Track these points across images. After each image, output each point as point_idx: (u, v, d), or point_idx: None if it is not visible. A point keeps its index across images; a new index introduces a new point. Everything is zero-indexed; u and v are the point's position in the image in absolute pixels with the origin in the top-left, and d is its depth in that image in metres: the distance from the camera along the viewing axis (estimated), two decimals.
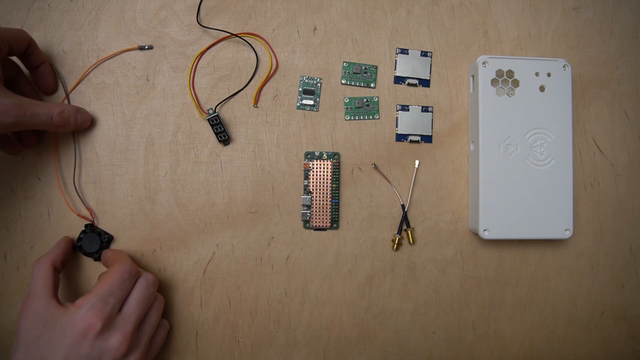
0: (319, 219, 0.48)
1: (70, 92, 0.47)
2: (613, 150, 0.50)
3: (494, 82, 0.46)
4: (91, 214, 0.47)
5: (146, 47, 0.47)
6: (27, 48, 0.43)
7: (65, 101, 0.47)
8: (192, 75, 0.48)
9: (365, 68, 0.49)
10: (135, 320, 0.39)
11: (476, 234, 0.47)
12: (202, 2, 0.48)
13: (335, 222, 0.48)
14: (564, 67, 0.46)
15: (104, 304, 0.38)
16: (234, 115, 0.48)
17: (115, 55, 0.47)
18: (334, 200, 0.48)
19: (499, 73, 0.46)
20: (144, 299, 0.41)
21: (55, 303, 0.38)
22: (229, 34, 0.47)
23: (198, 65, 0.48)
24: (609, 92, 0.51)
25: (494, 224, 0.45)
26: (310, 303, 0.48)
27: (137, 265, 0.42)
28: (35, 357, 0.36)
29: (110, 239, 0.47)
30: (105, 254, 0.44)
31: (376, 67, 0.49)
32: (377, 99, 0.49)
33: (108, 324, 0.38)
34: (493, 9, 0.50)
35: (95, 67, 0.47)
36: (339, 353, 0.49)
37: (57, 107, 0.42)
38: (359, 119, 0.49)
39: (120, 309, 0.39)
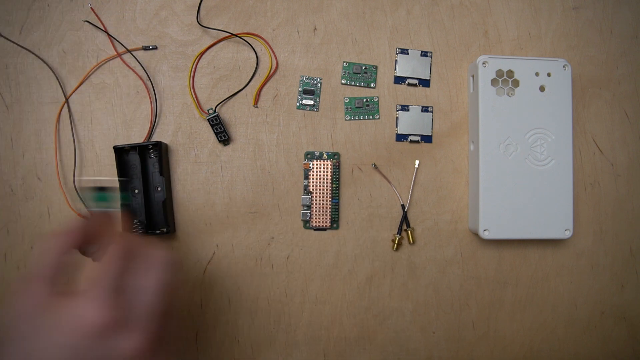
0: (319, 219, 0.48)
1: (71, 94, 0.47)
2: (613, 150, 0.50)
3: (494, 82, 0.46)
4: (91, 214, 0.47)
5: (150, 48, 0.47)
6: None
7: (65, 103, 0.47)
8: (192, 75, 0.48)
9: (365, 68, 0.49)
10: (154, 313, 0.31)
11: (476, 234, 0.47)
12: (202, 2, 0.48)
13: (335, 222, 0.48)
14: (564, 67, 0.46)
15: (110, 290, 0.30)
16: (234, 115, 0.48)
17: (118, 56, 0.47)
18: (334, 200, 0.48)
19: (499, 73, 0.46)
20: (159, 285, 0.32)
21: (53, 293, 0.30)
22: (229, 34, 0.47)
23: (198, 65, 0.48)
24: (609, 92, 0.51)
25: (494, 224, 0.45)
26: (310, 303, 0.48)
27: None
28: (30, 353, 0.28)
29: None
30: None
31: (376, 67, 0.49)
32: (377, 99, 0.49)
33: (115, 318, 0.29)
34: (493, 9, 0.50)
35: (95, 68, 0.47)
36: (339, 353, 0.49)
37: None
38: (359, 119, 0.49)
39: (128, 296, 0.31)
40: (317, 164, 0.48)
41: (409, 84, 0.49)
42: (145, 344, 0.30)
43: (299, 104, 0.48)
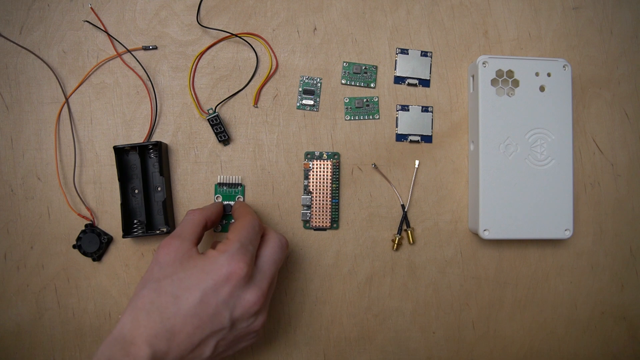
0: (319, 219, 0.48)
1: (72, 94, 0.47)
2: (613, 150, 0.50)
3: (494, 82, 0.46)
4: (91, 214, 0.47)
5: (150, 48, 0.47)
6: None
7: (66, 103, 0.47)
8: (192, 75, 0.48)
9: (365, 68, 0.49)
10: (270, 277, 0.37)
11: (476, 234, 0.47)
12: (202, 2, 0.48)
13: (335, 222, 0.48)
14: (564, 67, 0.46)
15: (246, 250, 0.36)
16: (234, 115, 0.48)
17: (118, 56, 0.47)
18: (334, 200, 0.48)
19: (499, 73, 0.46)
20: (278, 259, 0.39)
21: (196, 249, 0.37)
22: (229, 34, 0.47)
23: (198, 65, 0.48)
24: (609, 92, 0.51)
25: (494, 224, 0.45)
26: (310, 303, 0.48)
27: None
28: (166, 294, 0.34)
29: (110, 239, 0.47)
30: (235, 205, 0.44)
31: (376, 67, 0.49)
32: (377, 99, 0.49)
33: (250, 272, 0.35)
34: (493, 9, 0.50)
35: (95, 68, 0.47)
36: (339, 353, 0.49)
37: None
38: (359, 119, 0.49)
39: (255, 263, 0.37)
40: (317, 164, 0.48)
41: (409, 84, 0.49)
42: (261, 300, 0.36)
43: (299, 104, 0.48)
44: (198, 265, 0.35)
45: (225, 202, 0.47)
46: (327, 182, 0.48)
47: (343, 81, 0.49)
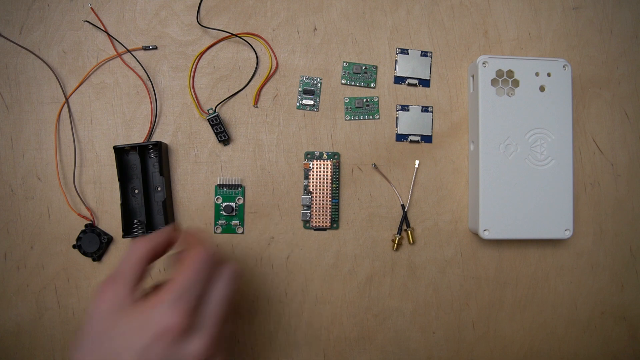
0: (319, 219, 0.48)
1: (72, 94, 0.47)
2: (613, 150, 0.50)
3: (494, 82, 0.46)
4: (91, 214, 0.47)
5: (150, 48, 0.47)
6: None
7: (66, 103, 0.47)
8: (192, 75, 0.48)
9: (365, 68, 0.49)
10: (218, 318, 0.34)
11: (476, 234, 0.47)
12: (202, 2, 0.48)
13: (335, 222, 0.48)
14: (564, 67, 0.46)
15: (186, 299, 0.32)
16: (234, 115, 0.48)
17: (118, 56, 0.47)
18: (334, 200, 0.48)
19: (499, 73, 0.46)
20: (225, 295, 0.35)
21: (135, 294, 0.34)
22: (229, 34, 0.47)
23: (198, 65, 0.48)
24: (609, 92, 0.51)
25: (494, 224, 0.45)
26: (310, 303, 0.48)
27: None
28: (105, 352, 0.32)
29: (110, 239, 0.47)
30: (182, 236, 0.38)
31: (376, 67, 0.49)
32: (377, 99, 0.49)
33: (189, 324, 0.32)
34: (493, 9, 0.50)
35: (95, 68, 0.47)
36: (339, 353, 0.49)
37: None
38: (359, 119, 0.49)
39: (200, 304, 0.34)
40: (317, 164, 0.48)
41: (409, 84, 0.49)
42: (210, 347, 0.33)
43: (299, 104, 0.48)
44: (134, 320, 0.32)
45: (226, 203, 0.47)
46: (327, 182, 0.48)
47: (343, 81, 0.49)
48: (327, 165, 0.48)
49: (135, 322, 0.32)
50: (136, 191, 0.46)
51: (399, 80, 0.49)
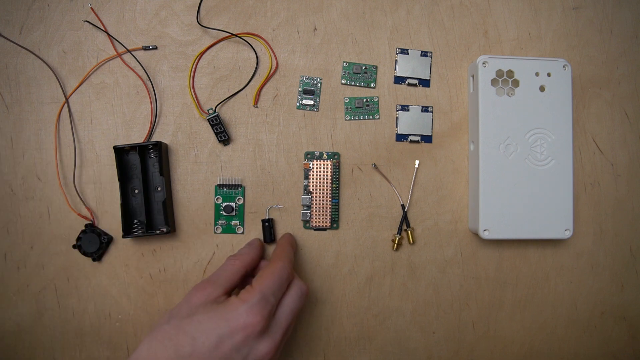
0: (319, 219, 0.48)
1: (72, 94, 0.47)
2: (613, 150, 0.50)
3: (494, 82, 0.46)
4: (91, 214, 0.47)
5: (150, 48, 0.47)
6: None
7: (66, 103, 0.47)
8: (192, 75, 0.48)
9: (365, 68, 0.49)
10: (286, 328, 0.38)
11: (476, 234, 0.47)
12: (202, 2, 0.48)
13: (335, 222, 0.48)
14: (564, 67, 0.46)
15: (266, 303, 0.36)
16: (234, 115, 0.48)
17: (118, 56, 0.47)
18: (334, 200, 0.48)
19: (499, 73, 0.46)
20: (296, 308, 0.39)
21: (226, 297, 0.38)
22: (229, 34, 0.47)
23: (198, 65, 0.48)
24: (609, 92, 0.51)
25: (494, 224, 0.45)
26: (310, 303, 0.48)
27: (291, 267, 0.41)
28: (185, 334, 0.35)
29: (110, 239, 0.47)
30: (281, 239, 0.45)
31: (376, 67, 0.49)
32: (377, 99, 0.49)
33: (265, 326, 0.36)
34: (493, 9, 0.50)
35: (95, 68, 0.47)
36: (339, 353, 0.49)
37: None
38: (359, 119, 0.49)
39: (274, 312, 0.38)
40: (317, 164, 0.48)
41: (409, 84, 0.49)
42: (274, 351, 0.37)
43: (299, 104, 0.48)
44: (219, 311, 0.36)
45: (226, 204, 0.47)
46: (327, 182, 0.48)
47: (343, 81, 0.49)
48: (327, 165, 0.48)
49: (217, 314, 0.36)
50: (136, 191, 0.46)
51: (399, 80, 0.49)
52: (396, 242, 0.48)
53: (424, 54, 0.49)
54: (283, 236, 0.47)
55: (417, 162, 0.49)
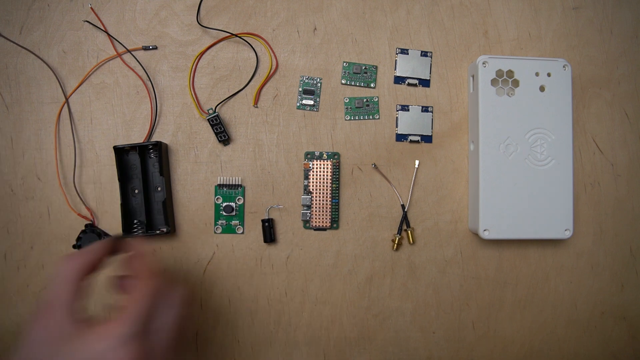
0: (319, 219, 0.48)
1: (72, 94, 0.47)
2: (613, 150, 0.50)
3: (494, 82, 0.46)
4: (91, 214, 0.47)
5: (150, 48, 0.47)
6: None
7: (66, 103, 0.47)
8: (192, 75, 0.48)
9: (365, 68, 0.49)
10: (169, 350, 0.32)
11: (476, 234, 0.47)
12: (202, 2, 0.48)
13: (335, 222, 0.48)
14: (564, 67, 0.46)
15: (137, 337, 0.30)
16: (234, 115, 0.48)
17: (118, 56, 0.47)
18: (334, 200, 0.48)
19: (499, 73, 0.46)
20: (176, 322, 0.33)
21: (74, 321, 0.30)
22: (229, 34, 0.47)
23: (198, 65, 0.48)
24: (609, 92, 0.51)
25: (494, 224, 0.45)
26: (310, 303, 0.48)
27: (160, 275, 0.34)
28: None
29: None
30: (131, 258, 0.35)
31: (376, 67, 0.49)
32: (377, 99, 0.49)
33: (143, 356, 0.30)
34: (493, 9, 0.50)
35: (95, 68, 0.47)
36: (339, 353, 0.49)
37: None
38: (359, 119, 0.49)
39: (151, 335, 0.31)
40: (317, 164, 0.48)
41: (409, 84, 0.49)
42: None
43: (299, 104, 0.48)
44: (79, 352, 0.29)
45: (226, 204, 0.47)
46: (327, 182, 0.48)
47: (343, 81, 0.49)
48: (327, 165, 0.48)
49: (80, 355, 0.29)
50: (136, 191, 0.46)
51: (399, 80, 0.49)
52: (396, 242, 0.48)
53: (424, 54, 0.49)
54: (133, 253, 0.36)
55: (417, 162, 0.49)
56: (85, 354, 0.28)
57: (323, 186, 0.48)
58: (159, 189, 0.46)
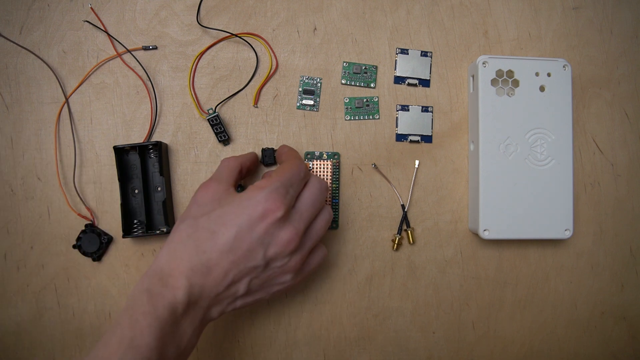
0: None
1: (71, 94, 0.47)
2: (613, 150, 0.50)
3: (494, 82, 0.46)
4: (91, 214, 0.47)
5: (150, 48, 0.47)
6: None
7: (66, 103, 0.47)
8: (192, 75, 0.48)
9: (365, 68, 0.49)
10: (308, 219, 0.37)
11: (476, 234, 0.47)
12: (202, 2, 0.48)
13: (335, 222, 0.48)
14: (564, 67, 0.46)
15: (285, 192, 0.36)
16: (234, 115, 0.48)
17: (118, 56, 0.47)
18: (334, 200, 0.48)
19: (499, 73, 0.46)
20: (316, 201, 0.38)
21: (234, 190, 0.38)
22: (229, 34, 0.47)
23: (198, 65, 0.48)
24: (609, 92, 0.51)
25: (494, 224, 0.45)
26: (310, 303, 0.48)
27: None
28: (203, 229, 0.35)
29: (110, 239, 0.47)
30: (282, 148, 0.44)
31: (376, 67, 0.49)
32: (377, 99, 0.49)
33: (287, 213, 0.35)
34: (493, 9, 0.50)
35: (95, 68, 0.47)
36: (339, 353, 0.49)
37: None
38: (359, 119, 0.49)
39: (294, 205, 0.37)
40: (317, 164, 0.48)
41: (409, 84, 0.49)
42: (296, 240, 0.36)
43: (299, 104, 0.48)
44: (235, 201, 0.35)
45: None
46: (327, 182, 0.48)
47: (343, 81, 0.49)
48: (327, 165, 0.48)
49: (237, 203, 0.35)
50: (136, 191, 0.46)
51: (399, 80, 0.49)
52: (396, 242, 0.48)
53: (424, 54, 0.49)
54: (282, 146, 0.45)
55: (417, 162, 0.49)
56: (241, 203, 0.35)
57: None
58: (159, 189, 0.46)
